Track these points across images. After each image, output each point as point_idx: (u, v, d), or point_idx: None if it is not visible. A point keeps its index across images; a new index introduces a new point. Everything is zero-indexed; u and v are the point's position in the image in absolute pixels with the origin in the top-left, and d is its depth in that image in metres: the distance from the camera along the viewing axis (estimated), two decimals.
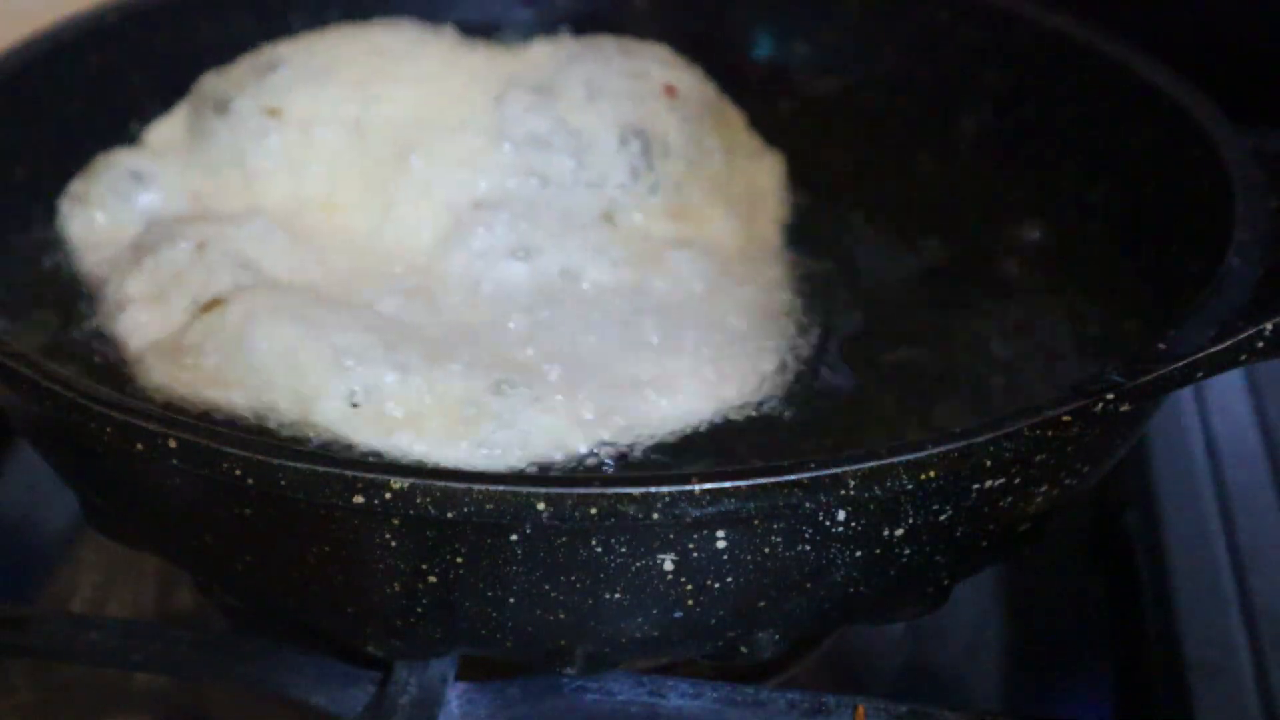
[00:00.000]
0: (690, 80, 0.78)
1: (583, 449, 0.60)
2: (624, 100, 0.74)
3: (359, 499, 0.50)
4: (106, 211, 0.73)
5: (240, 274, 0.66)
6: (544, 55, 0.79)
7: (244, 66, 0.78)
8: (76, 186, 0.75)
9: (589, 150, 0.73)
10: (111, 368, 0.66)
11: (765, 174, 0.78)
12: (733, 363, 0.64)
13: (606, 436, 0.61)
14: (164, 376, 0.63)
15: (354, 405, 0.60)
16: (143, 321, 0.66)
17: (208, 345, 0.62)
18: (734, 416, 0.63)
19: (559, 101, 0.74)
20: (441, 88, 0.75)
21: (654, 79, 0.76)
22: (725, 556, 0.52)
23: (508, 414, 0.60)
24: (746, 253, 0.73)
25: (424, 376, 0.60)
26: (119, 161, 0.75)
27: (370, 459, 0.59)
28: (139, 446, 0.52)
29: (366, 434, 0.60)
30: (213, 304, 0.64)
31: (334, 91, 0.75)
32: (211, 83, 0.78)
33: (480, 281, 0.68)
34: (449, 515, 0.50)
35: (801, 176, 0.79)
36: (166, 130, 0.78)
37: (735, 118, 0.80)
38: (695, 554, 0.52)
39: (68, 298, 0.71)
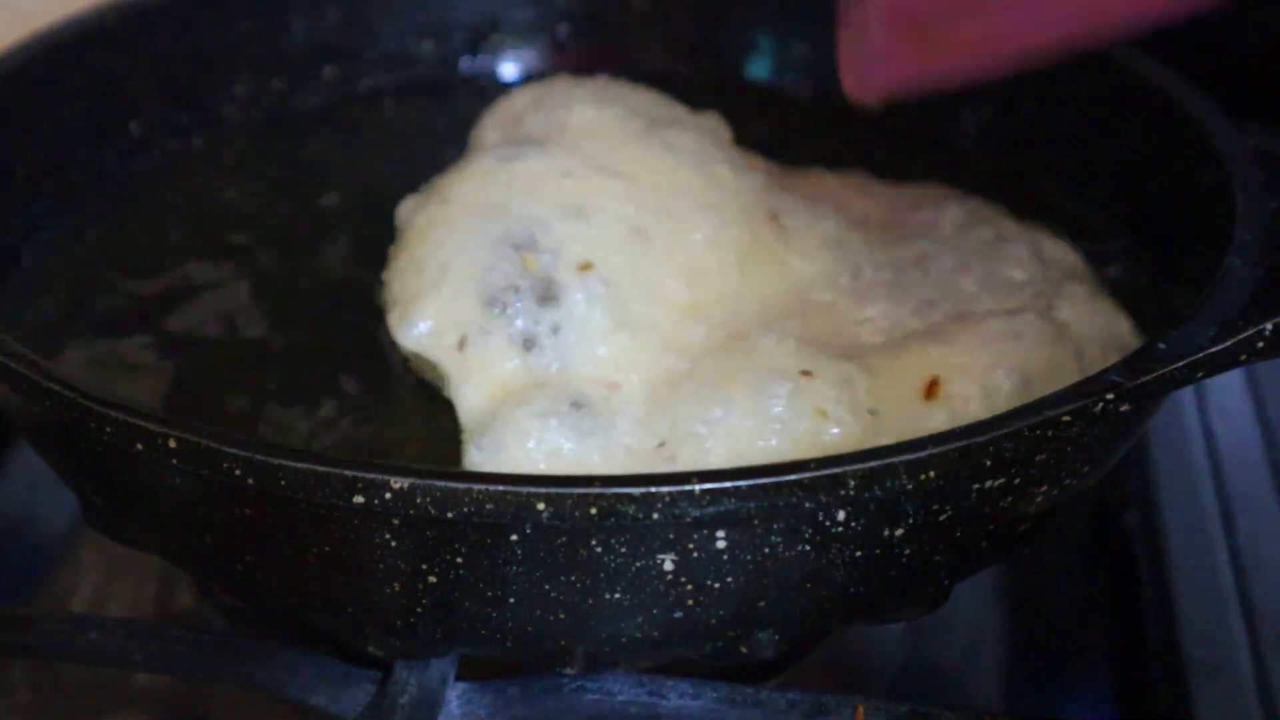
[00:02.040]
0: None
1: None
2: None
3: (359, 499, 0.50)
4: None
5: None
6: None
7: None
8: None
9: None
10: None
11: None
12: None
13: None
14: None
15: None
16: None
17: None
18: None
19: None
20: None
21: None
22: (725, 556, 0.52)
23: None
24: None
25: None
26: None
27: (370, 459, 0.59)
28: (139, 446, 0.52)
29: None
30: None
31: None
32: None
33: None
34: (449, 515, 0.50)
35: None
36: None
37: None
38: (695, 554, 0.52)
39: (67, 297, 0.71)
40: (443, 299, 0.65)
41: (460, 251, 0.65)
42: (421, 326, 0.65)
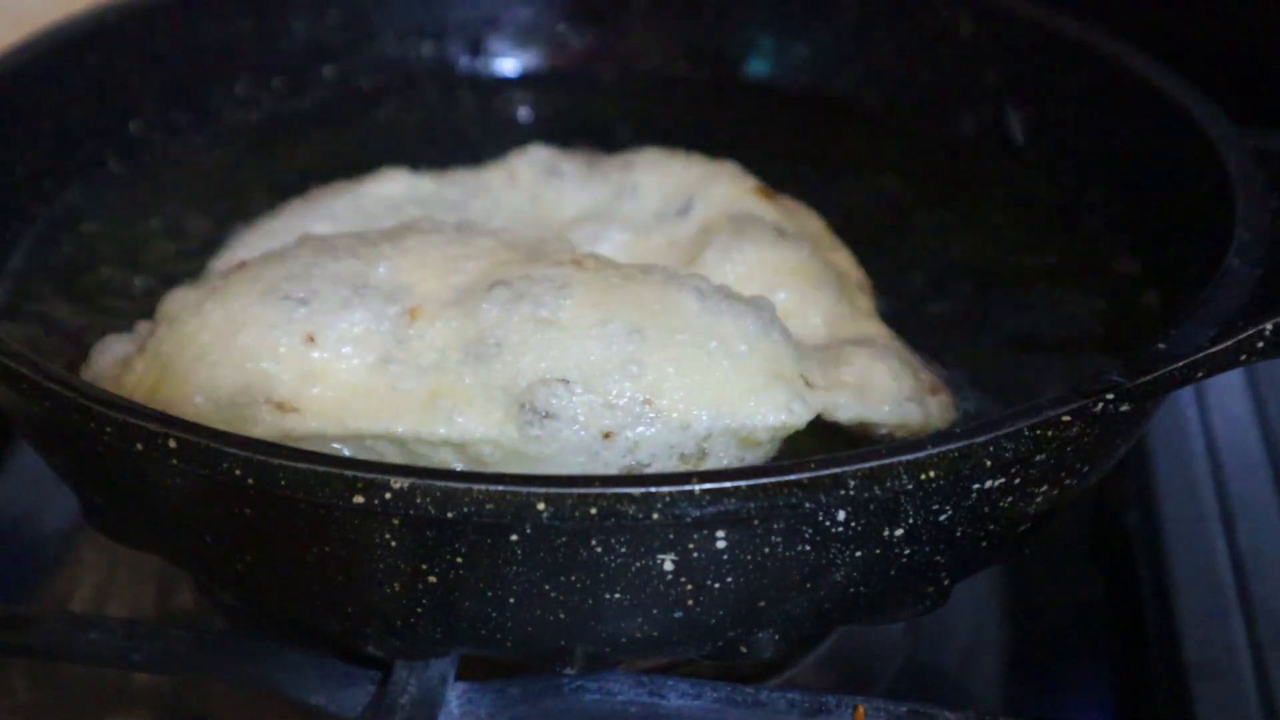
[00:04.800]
0: None
1: None
2: None
3: (359, 499, 0.50)
4: None
5: None
6: None
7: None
8: None
9: None
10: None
11: None
12: None
13: None
14: None
15: None
16: None
17: None
18: None
19: None
20: None
21: None
22: (725, 556, 0.52)
23: None
24: None
25: None
26: None
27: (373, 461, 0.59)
28: (139, 446, 0.52)
29: None
30: None
31: None
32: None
33: None
34: (449, 515, 0.50)
35: (806, 178, 0.79)
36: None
37: None
38: (695, 554, 0.52)
39: (67, 295, 0.71)
40: None
41: None
42: None
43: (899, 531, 0.54)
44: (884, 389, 0.63)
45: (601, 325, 0.59)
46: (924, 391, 0.64)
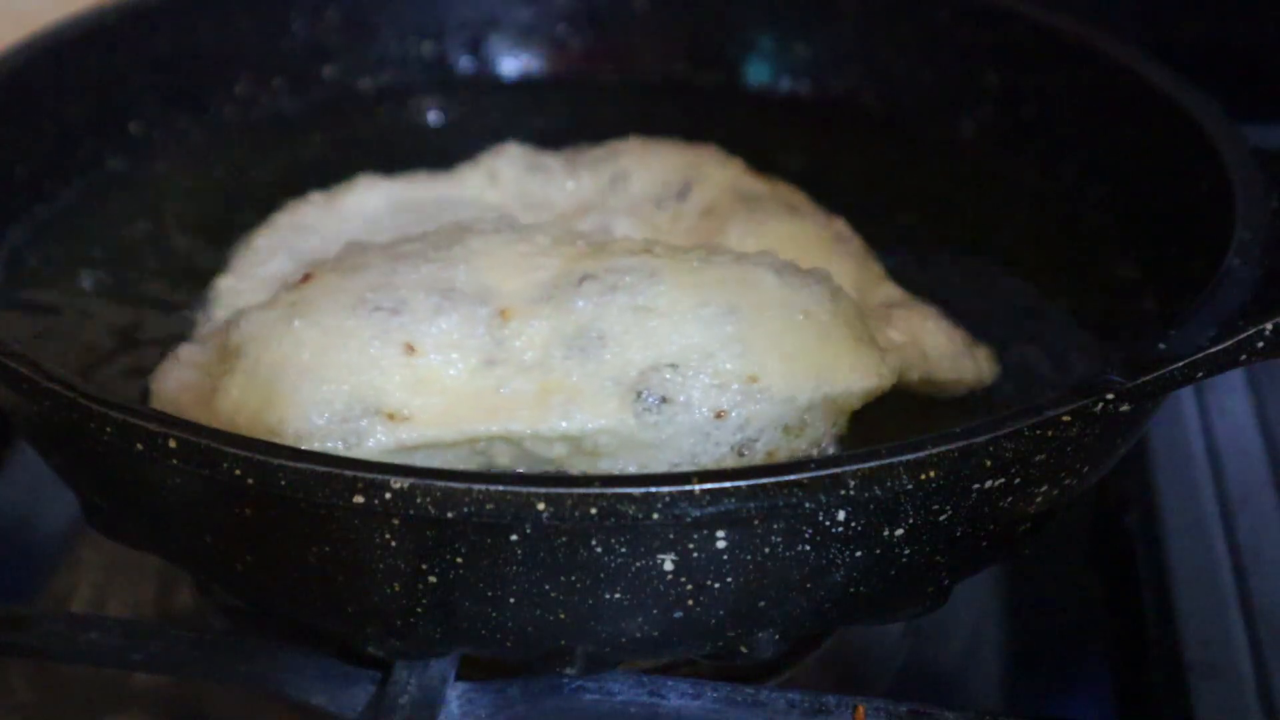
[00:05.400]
0: None
1: None
2: None
3: (359, 499, 0.50)
4: None
5: None
6: None
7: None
8: None
9: None
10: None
11: None
12: None
13: None
14: None
15: None
16: None
17: None
18: None
19: None
20: None
21: None
22: (725, 556, 0.52)
23: None
24: None
25: None
26: None
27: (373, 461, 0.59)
28: (139, 446, 0.52)
29: None
30: None
31: None
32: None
33: None
34: (449, 515, 0.50)
35: (806, 178, 0.79)
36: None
37: None
38: (695, 554, 0.52)
39: (68, 295, 0.71)
40: None
41: None
42: None
43: (899, 531, 0.54)
44: (938, 345, 0.66)
45: (699, 308, 0.61)
46: (969, 345, 0.67)
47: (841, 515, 0.52)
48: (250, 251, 0.73)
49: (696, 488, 0.50)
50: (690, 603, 0.53)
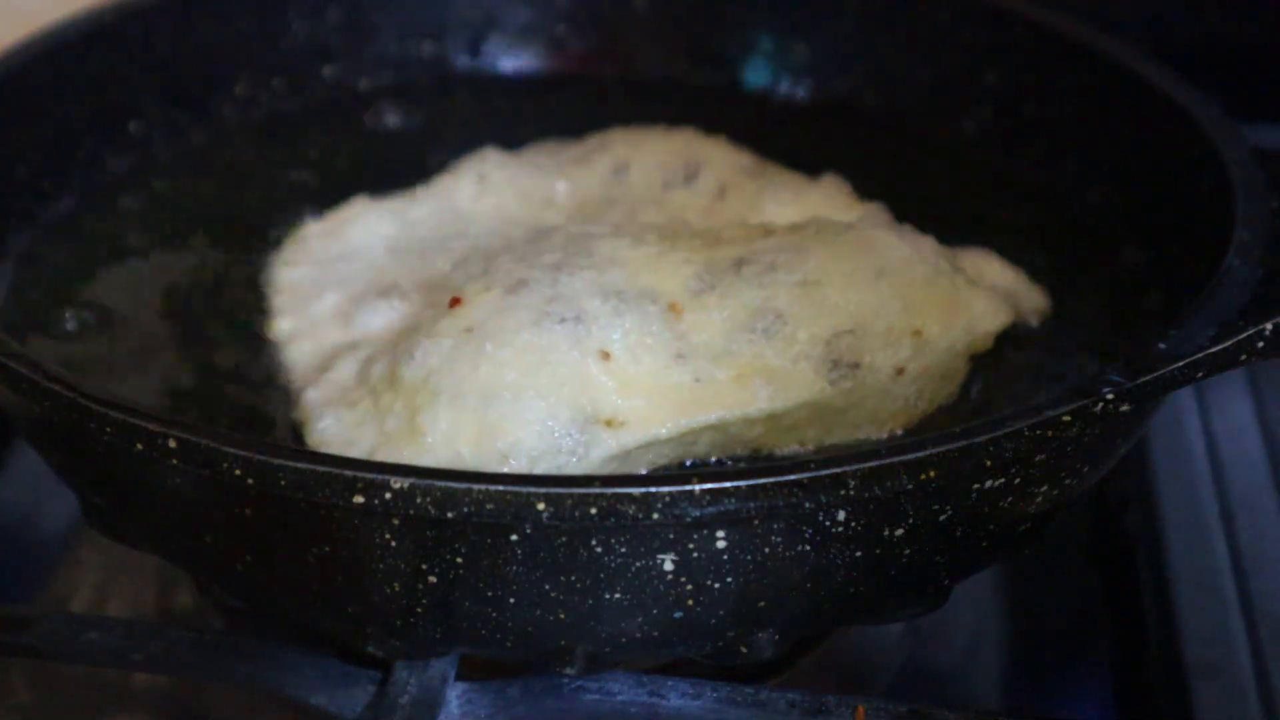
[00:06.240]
0: None
1: None
2: None
3: (359, 499, 0.50)
4: None
5: None
6: None
7: None
8: None
9: None
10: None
11: None
12: None
13: None
14: None
15: None
16: None
17: None
18: None
19: None
20: None
21: None
22: (725, 556, 0.52)
23: None
24: None
25: None
26: None
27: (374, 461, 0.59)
28: (139, 446, 0.52)
29: None
30: None
31: None
32: None
33: None
34: (449, 515, 0.50)
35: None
36: None
37: None
38: (695, 554, 0.52)
39: (68, 295, 0.71)
40: None
41: None
42: None
43: (899, 531, 0.54)
44: (1006, 278, 0.70)
45: (851, 274, 0.64)
46: (1026, 279, 0.71)
47: (841, 515, 0.52)
48: (287, 292, 0.71)
49: (696, 488, 0.50)
50: (690, 603, 0.53)
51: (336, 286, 0.70)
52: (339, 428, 0.61)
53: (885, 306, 0.63)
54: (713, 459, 0.62)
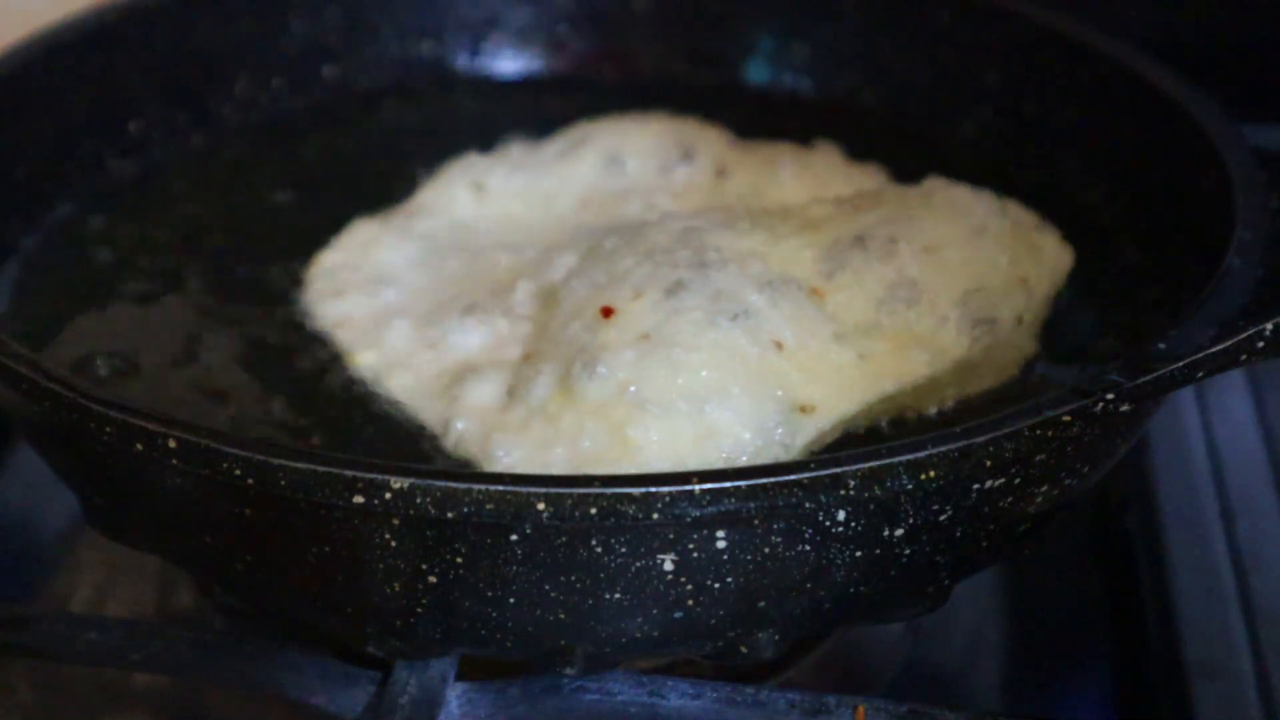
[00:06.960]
0: None
1: None
2: None
3: (359, 499, 0.50)
4: None
5: None
6: None
7: None
8: None
9: None
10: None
11: None
12: None
13: None
14: None
15: None
16: None
17: None
18: None
19: None
20: None
21: None
22: (725, 556, 0.52)
23: None
24: None
25: None
26: None
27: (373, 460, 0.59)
28: (139, 446, 0.52)
29: None
30: None
31: None
32: None
33: None
34: (449, 515, 0.50)
35: None
36: None
37: None
38: (695, 554, 0.52)
39: (68, 296, 0.71)
40: None
41: None
42: None
43: (899, 531, 0.54)
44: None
45: (961, 235, 0.67)
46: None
47: (841, 515, 0.52)
48: (346, 326, 0.69)
49: (696, 488, 0.50)
50: (690, 603, 0.53)
51: (399, 313, 0.68)
52: (522, 453, 0.60)
53: (996, 260, 0.66)
54: (863, 428, 0.63)
